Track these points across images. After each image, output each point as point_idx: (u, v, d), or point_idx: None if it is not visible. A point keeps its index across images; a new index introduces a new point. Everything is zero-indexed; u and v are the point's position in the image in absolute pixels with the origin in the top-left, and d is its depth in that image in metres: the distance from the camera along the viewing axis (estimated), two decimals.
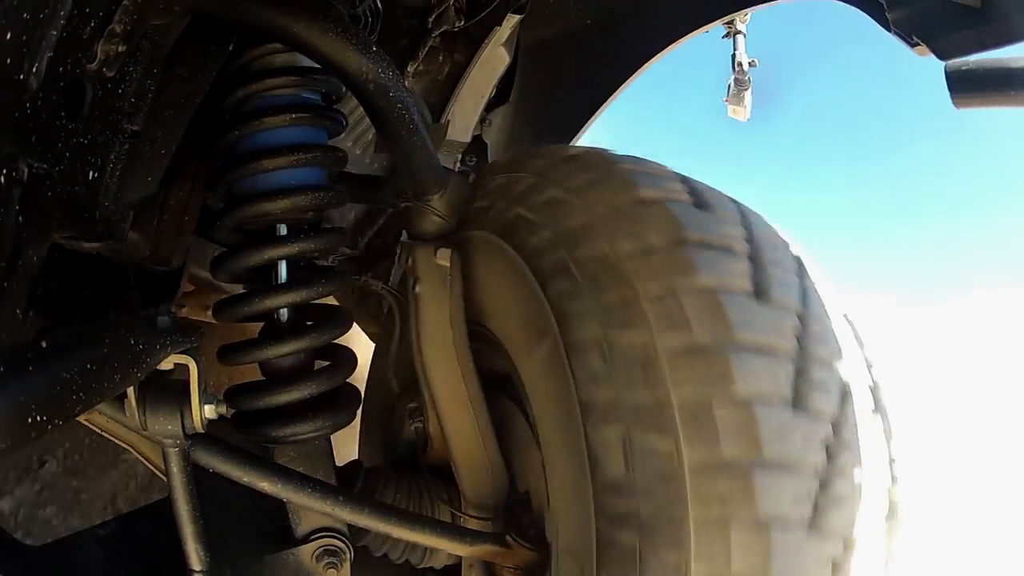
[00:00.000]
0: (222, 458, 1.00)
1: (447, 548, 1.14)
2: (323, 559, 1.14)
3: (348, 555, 1.16)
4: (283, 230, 1.08)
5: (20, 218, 0.63)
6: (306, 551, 1.14)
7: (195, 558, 0.99)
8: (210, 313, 1.25)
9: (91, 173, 0.82)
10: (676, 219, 0.93)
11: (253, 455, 1.03)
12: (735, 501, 0.79)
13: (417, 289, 1.16)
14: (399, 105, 0.98)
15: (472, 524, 1.18)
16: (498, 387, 1.24)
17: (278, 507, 1.15)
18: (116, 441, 1.03)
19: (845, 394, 0.90)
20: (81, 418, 1.08)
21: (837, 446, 0.86)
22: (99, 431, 1.02)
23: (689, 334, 0.84)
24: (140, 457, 1.07)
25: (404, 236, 1.96)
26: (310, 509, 1.08)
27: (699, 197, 0.99)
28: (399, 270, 1.90)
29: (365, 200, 1.71)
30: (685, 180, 1.03)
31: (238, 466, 1.00)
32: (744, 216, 1.01)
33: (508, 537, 1.12)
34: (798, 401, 0.84)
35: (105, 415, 0.97)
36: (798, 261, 1.00)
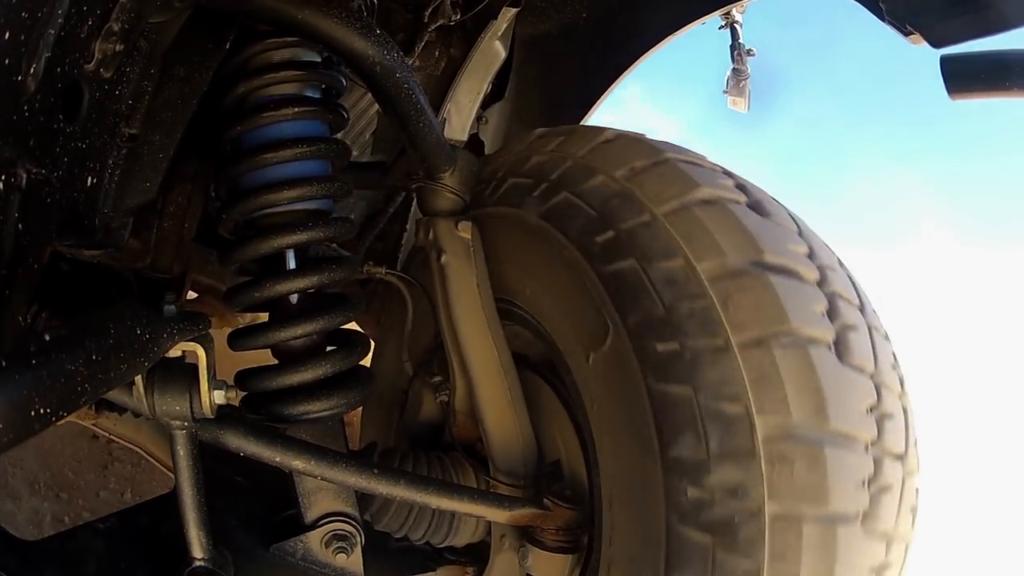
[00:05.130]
0: (251, 438, 0.98)
1: (485, 515, 1.13)
2: (332, 544, 1.13)
3: (359, 540, 1.14)
4: (288, 220, 1.06)
5: (20, 225, 0.61)
6: (314, 537, 1.12)
7: (197, 545, 0.96)
8: (212, 321, 1.23)
9: (90, 179, 0.80)
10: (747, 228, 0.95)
11: (280, 434, 1.02)
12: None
13: (443, 259, 1.18)
14: (405, 86, 0.99)
15: (503, 491, 1.17)
16: (522, 362, 1.25)
17: (285, 498, 1.13)
18: (124, 443, 1.01)
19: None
20: (88, 423, 1.07)
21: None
22: (106, 434, 1.00)
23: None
24: (148, 456, 1.06)
25: (411, 217, 1.95)
26: (343, 485, 1.06)
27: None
28: (407, 251, 1.90)
29: (373, 186, 1.70)
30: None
31: (267, 445, 0.99)
32: None
33: (546, 499, 1.11)
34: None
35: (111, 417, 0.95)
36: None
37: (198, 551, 0.96)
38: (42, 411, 0.52)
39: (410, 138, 1.09)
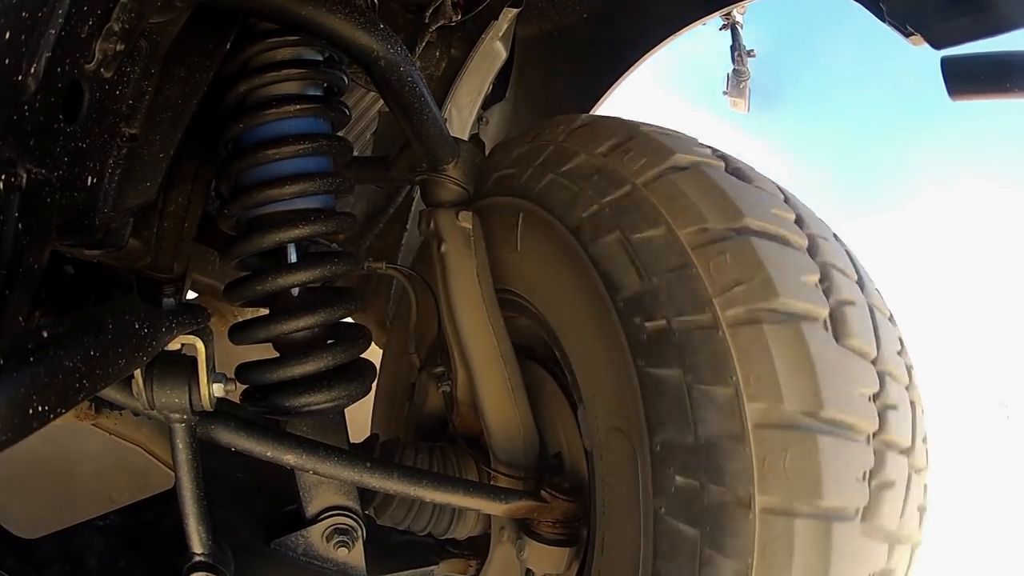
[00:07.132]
0: (241, 433, 0.97)
1: (480, 507, 1.11)
2: (333, 538, 1.12)
3: (360, 533, 1.14)
4: (290, 215, 1.06)
5: (20, 225, 0.61)
6: (315, 532, 1.12)
7: (197, 540, 0.95)
8: (213, 320, 1.23)
9: (90, 179, 0.81)
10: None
11: (272, 428, 1.01)
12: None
13: (443, 249, 1.18)
14: (409, 79, 0.99)
15: (503, 483, 1.16)
16: (525, 353, 1.25)
17: (285, 494, 1.13)
18: (124, 441, 1.01)
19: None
20: (88, 422, 1.07)
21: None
22: (107, 432, 1.00)
23: None
24: (149, 455, 1.05)
25: (411, 217, 1.96)
26: (335, 479, 1.06)
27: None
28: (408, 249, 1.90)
29: (377, 180, 1.71)
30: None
31: (258, 440, 0.98)
32: None
33: (544, 491, 1.10)
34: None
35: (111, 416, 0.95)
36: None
37: (198, 546, 0.95)
38: (40, 409, 0.52)
39: (414, 130, 1.10)
